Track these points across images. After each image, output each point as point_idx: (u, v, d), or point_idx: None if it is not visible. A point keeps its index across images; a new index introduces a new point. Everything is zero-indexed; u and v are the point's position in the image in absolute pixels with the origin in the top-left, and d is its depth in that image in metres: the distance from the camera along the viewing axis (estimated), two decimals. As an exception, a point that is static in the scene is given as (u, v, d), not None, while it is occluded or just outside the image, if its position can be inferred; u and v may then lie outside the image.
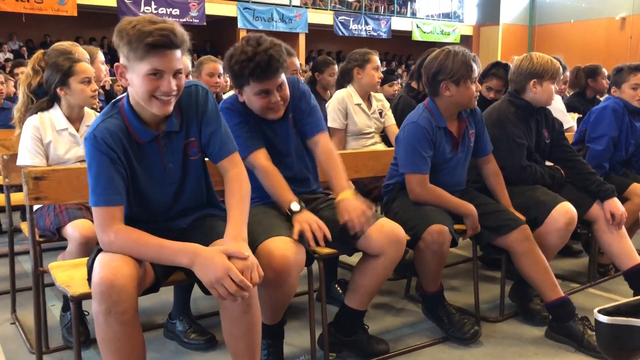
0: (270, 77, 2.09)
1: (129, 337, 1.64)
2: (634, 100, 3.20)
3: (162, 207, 1.91)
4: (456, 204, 2.51)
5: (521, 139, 2.75)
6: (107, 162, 1.72)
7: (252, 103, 2.17)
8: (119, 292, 1.58)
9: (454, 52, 2.46)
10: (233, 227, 1.76)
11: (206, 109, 1.89)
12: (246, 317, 1.74)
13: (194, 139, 1.89)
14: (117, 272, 1.61)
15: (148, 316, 2.79)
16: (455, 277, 3.40)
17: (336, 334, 2.37)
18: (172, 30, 1.66)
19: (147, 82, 1.67)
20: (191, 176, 1.92)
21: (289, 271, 1.92)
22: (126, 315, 1.61)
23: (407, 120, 2.56)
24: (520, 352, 2.45)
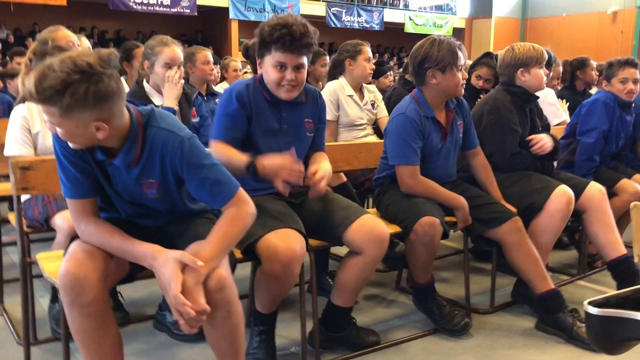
0: (294, 50, 2.04)
1: (95, 330, 1.63)
2: (622, 93, 3.22)
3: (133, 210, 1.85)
4: (447, 196, 2.51)
5: (516, 125, 2.76)
6: (71, 160, 1.68)
7: (268, 74, 2.12)
8: (81, 284, 1.57)
9: (439, 40, 2.46)
10: (206, 257, 1.60)
11: (181, 161, 1.69)
12: (227, 322, 1.69)
13: (152, 181, 1.74)
14: (81, 264, 1.59)
15: (138, 307, 2.78)
16: (446, 269, 3.41)
17: (325, 330, 2.36)
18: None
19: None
20: (149, 206, 1.82)
21: (295, 263, 1.92)
22: (90, 307, 1.59)
23: (395, 112, 2.55)
24: (510, 344, 2.46)
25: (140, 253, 1.65)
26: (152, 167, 1.72)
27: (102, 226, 1.70)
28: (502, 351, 2.39)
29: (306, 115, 2.27)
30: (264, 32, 2.07)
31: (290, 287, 2.04)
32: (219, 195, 1.72)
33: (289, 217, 2.07)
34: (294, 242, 1.93)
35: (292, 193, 2.26)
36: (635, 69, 3.22)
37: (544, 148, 2.76)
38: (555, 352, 2.38)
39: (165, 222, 1.89)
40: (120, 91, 1.57)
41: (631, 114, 3.33)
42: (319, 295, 2.73)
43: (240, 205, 1.73)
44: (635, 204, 1.31)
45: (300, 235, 1.97)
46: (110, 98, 1.54)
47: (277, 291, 2.04)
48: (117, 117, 1.60)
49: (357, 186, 3.28)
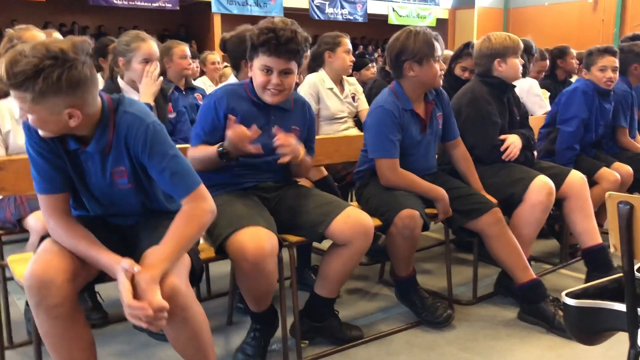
0: (279, 55, 2.06)
1: (64, 332, 1.60)
2: (601, 82, 3.23)
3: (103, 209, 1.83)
4: (427, 188, 2.49)
5: (496, 117, 2.75)
6: (42, 154, 1.66)
7: (255, 78, 2.15)
8: (47, 286, 1.53)
9: (415, 32, 2.44)
10: (153, 263, 1.57)
11: (145, 147, 1.67)
12: (186, 328, 1.64)
13: (123, 169, 1.72)
14: (48, 266, 1.56)
15: (118, 307, 2.69)
16: (428, 261, 3.40)
17: (307, 320, 2.35)
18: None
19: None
20: (121, 199, 1.79)
21: (265, 260, 1.89)
22: (58, 309, 1.55)
23: (373, 105, 2.53)
24: (492, 335, 2.45)
25: (103, 263, 1.62)
26: (121, 153, 1.70)
27: (72, 228, 1.67)
28: (484, 342, 2.39)
29: (293, 122, 2.27)
30: (253, 35, 2.10)
31: (268, 285, 2.00)
32: (178, 186, 1.70)
33: (258, 214, 2.04)
34: (263, 241, 1.90)
35: (265, 187, 2.24)
36: (614, 57, 3.23)
37: (513, 154, 2.76)
38: (537, 341, 2.38)
39: (135, 222, 1.86)
40: (93, 79, 1.56)
41: (610, 102, 3.34)
42: (302, 291, 2.71)
43: (199, 201, 1.70)
44: (610, 194, 1.30)
45: (270, 233, 1.94)
46: (83, 85, 1.52)
47: (254, 289, 2.02)
48: (90, 105, 1.59)
49: (338, 180, 3.26)
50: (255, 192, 2.22)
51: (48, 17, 14.75)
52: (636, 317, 1.32)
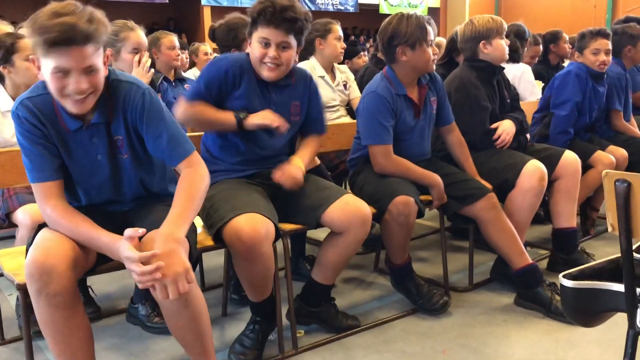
0: (277, 24, 2.04)
1: (65, 321, 1.57)
2: (595, 65, 3.21)
3: (98, 195, 1.81)
4: (421, 175, 2.47)
5: (485, 101, 2.73)
6: (34, 139, 1.64)
7: (253, 52, 2.11)
8: (49, 273, 1.51)
9: (407, 16, 2.41)
10: (169, 224, 1.61)
11: (142, 112, 1.71)
12: (185, 311, 1.63)
13: (120, 137, 1.74)
14: (48, 253, 1.53)
15: (111, 301, 2.71)
16: (424, 249, 3.39)
17: (303, 305, 2.34)
18: (73, 26, 1.50)
19: (54, 80, 1.56)
20: (123, 173, 1.80)
21: (261, 243, 1.87)
22: (59, 297, 1.53)
23: (366, 91, 2.50)
24: (489, 320, 2.44)
25: (104, 244, 1.61)
26: (119, 123, 1.72)
27: (69, 213, 1.65)
28: (481, 328, 2.37)
29: (294, 98, 2.23)
30: (251, 9, 2.10)
31: (265, 269, 1.98)
32: (175, 151, 1.73)
33: (259, 201, 2.02)
34: (259, 224, 1.88)
35: (267, 175, 2.22)
36: (607, 39, 3.20)
37: (507, 140, 2.74)
38: (534, 326, 2.37)
39: (131, 208, 1.85)
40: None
41: (604, 85, 3.32)
42: (297, 281, 2.69)
43: (196, 166, 1.75)
44: (607, 172, 1.28)
45: (265, 219, 1.92)
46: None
47: (250, 276, 1.99)
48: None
49: (332, 169, 3.23)
50: (257, 180, 2.21)
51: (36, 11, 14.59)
52: (634, 297, 1.30)
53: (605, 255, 1.52)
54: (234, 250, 1.91)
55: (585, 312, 1.40)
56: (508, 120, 2.80)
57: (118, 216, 1.84)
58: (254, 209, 1.93)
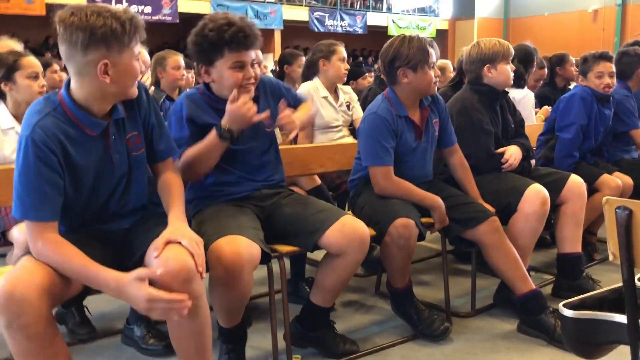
0: (249, 46, 2.01)
1: (40, 351, 1.51)
2: (599, 88, 3.18)
3: (107, 204, 1.79)
4: (422, 196, 2.43)
5: (488, 125, 2.69)
6: (44, 172, 1.57)
7: (224, 80, 2.03)
8: (19, 304, 1.45)
9: (409, 38, 2.40)
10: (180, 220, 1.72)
11: (148, 104, 1.83)
12: (195, 319, 1.63)
13: (136, 133, 1.80)
14: (18, 283, 1.47)
15: (107, 321, 2.67)
16: (426, 272, 3.33)
17: (301, 328, 2.29)
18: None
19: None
20: (135, 172, 1.82)
21: (241, 268, 1.81)
22: (31, 328, 1.47)
23: (367, 112, 2.48)
24: (492, 348, 2.38)
25: (102, 281, 1.54)
26: (134, 117, 1.80)
27: (62, 246, 1.57)
28: (483, 356, 2.31)
29: (261, 109, 2.13)
30: (209, 37, 1.97)
31: (245, 297, 1.93)
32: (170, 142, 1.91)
33: (245, 223, 1.97)
34: (241, 248, 1.83)
35: (260, 197, 2.18)
36: (610, 62, 3.19)
37: (513, 165, 2.71)
38: (537, 355, 2.31)
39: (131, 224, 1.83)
40: None
41: (610, 107, 3.28)
42: (296, 303, 2.65)
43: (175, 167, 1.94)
44: (608, 199, 1.24)
45: (249, 242, 1.87)
46: None
47: (228, 300, 1.92)
48: None
49: (333, 189, 3.21)
50: (250, 202, 2.16)
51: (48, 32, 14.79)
52: (637, 329, 1.25)
53: (611, 282, 1.47)
54: (212, 273, 1.84)
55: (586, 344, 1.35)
56: (515, 145, 2.77)
57: (116, 237, 1.80)
58: (237, 232, 1.88)
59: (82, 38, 1.54)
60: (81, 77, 1.62)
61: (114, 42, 1.57)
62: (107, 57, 1.58)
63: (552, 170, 2.89)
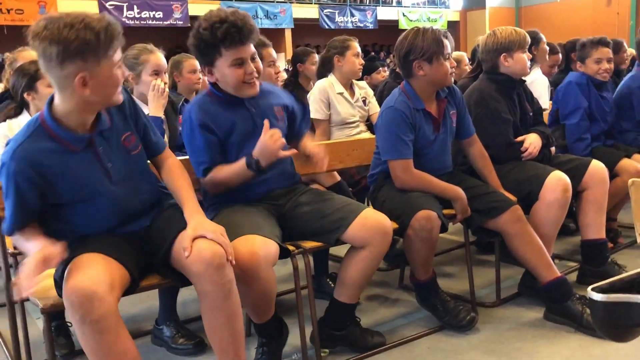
0: (244, 41, 2.00)
1: (111, 346, 1.56)
2: (597, 74, 3.21)
3: (117, 210, 1.81)
4: (443, 188, 2.43)
5: (506, 114, 2.69)
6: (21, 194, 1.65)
7: (227, 78, 2.04)
8: (90, 299, 1.50)
9: (423, 30, 2.40)
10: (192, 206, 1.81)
11: (131, 104, 1.86)
12: (227, 304, 1.69)
13: (129, 133, 1.83)
14: (87, 278, 1.53)
15: (135, 323, 2.71)
16: (449, 264, 3.33)
17: (327, 329, 2.29)
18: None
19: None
20: (137, 172, 1.86)
21: (258, 266, 1.83)
22: (103, 322, 1.52)
23: (384, 106, 2.48)
24: (518, 336, 2.38)
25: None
26: (122, 120, 1.82)
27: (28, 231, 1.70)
28: (510, 344, 2.31)
29: (271, 105, 2.19)
30: (204, 37, 1.98)
31: (265, 292, 1.93)
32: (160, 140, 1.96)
33: (259, 222, 1.99)
34: (256, 247, 1.84)
35: (275, 196, 2.20)
36: (608, 48, 3.21)
37: (534, 153, 2.71)
38: (565, 342, 2.30)
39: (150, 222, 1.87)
40: None
41: (608, 90, 3.33)
42: (321, 299, 2.67)
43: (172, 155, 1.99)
44: (634, 181, 1.24)
45: (265, 240, 1.88)
46: None
47: (250, 298, 1.93)
48: None
49: (353, 185, 3.21)
50: (265, 202, 2.18)
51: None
52: (668, 310, 1.24)
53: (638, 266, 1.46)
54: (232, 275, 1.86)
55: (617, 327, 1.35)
56: (534, 133, 2.76)
57: (139, 236, 1.84)
58: (251, 231, 1.90)
59: (56, 52, 1.52)
60: (63, 90, 1.62)
61: (89, 54, 1.54)
62: (85, 70, 1.56)
63: (572, 157, 2.88)
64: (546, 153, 2.82)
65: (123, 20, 14.35)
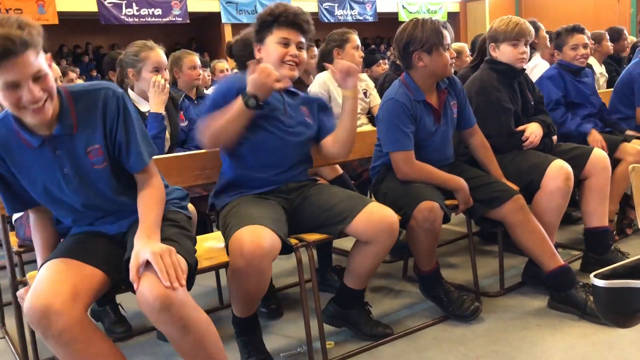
0: (296, 26, 2.14)
1: (82, 353, 1.54)
2: (575, 60, 3.26)
3: (78, 214, 1.81)
4: (445, 179, 2.44)
5: (508, 103, 2.69)
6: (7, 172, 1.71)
7: (271, 54, 2.15)
8: (47, 315, 1.48)
9: (422, 21, 2.40)
10: (140, 230, 1.67)
11: (117, 115, 1.73)
12: (186, 338, 1.60)
13: (97, 146, 1.73)
14: (40, 294, 1.51)
15: (142, 319, 2.71)
16: (453, 255, 3.34)
17: (337, 307, 2.35)
18: (6, 37, 1.43)
19: (8, 96, 1.51)
20: (97, 185, 1.77)
21: (262, 258, 1.83)
22: (65, 334, 1.50)
23: (384, 98, 2.48)
24: (522, 325, 2.38)
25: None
26: (95, 130, 1.72)
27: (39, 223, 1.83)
28: (514, 333, 2.32)
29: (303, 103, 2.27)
30: (263, 15, 2.17)
31: (261, 285, 1.94)
32: (139, 157, 1.77)
33: (267, 214, 2.00)
34: (261, 238, 1.84)
35: (286, 190, 2.21)
36: (582, 34, 3.27)
37: (535, 142, 2.71)
38: (569, 329, 2.31)
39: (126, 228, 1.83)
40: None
41: (587, 75, 3.37)
42: (325, 292, 2.68)
43: (154, 177, 1.82)
44: (634, 167, 1.24)
45: (271, 232, 1.88)
46: None
47: (245, 289, 1.94)
48: None
49: (355, 177, 3.22)
50: (276, 195, 2.19)
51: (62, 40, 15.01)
52: (671, 295, 1.25)
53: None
54: (233, 262, 1.87)
55: (620, 313, 1.35)
56: (535, 122, 2.76)
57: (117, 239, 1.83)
58: (259, 222, 1.90)
59: None
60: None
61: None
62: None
63: (574, 146, 2.87)
64: (547, 142, 2.82)
65: (122, 18, 14.33)
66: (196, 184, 2.43)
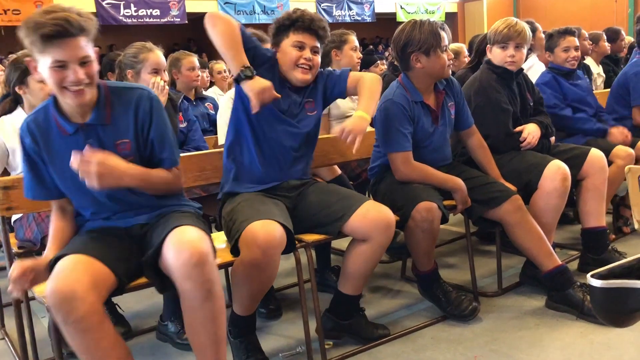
0: (311, 31, 2.20)
1: (96, 343, 1.58)
2: (566, 62, 3.27)
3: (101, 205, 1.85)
4: (443, 179, 2.45)
5: (506, 104, 2.70)
6: (31, 159, 1.79)
7: (286, 55, 2.21)
8: (70, 300, 1.53)
9: (420, 22, 2.41)
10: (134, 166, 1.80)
11: (150, 115, 1.83)
12: (208, 305, 1.65)
13: (127, 141, 1.82)
14: (65, 279, 1.56)
15: (140, 319, 2.73)
16: (451, 255, 3.35)
17: (333, 318, 2.33)
18: (66, 19, 1.60)
19: (53, 74, 1.64)
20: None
21: (275, 250, 1.89)
22: (85, 321, 1.55)
23: (382, 99, 2.49)
24: (520, 325, 2.39)
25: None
26: (126, 125, 1.81)
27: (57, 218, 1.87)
28: (512, 333, 2.33)
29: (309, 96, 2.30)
30: (280, 19, 2.23)
31: (272, 278, 1.99)
32: (170, 157, 1.88)
33: (273, 210, 2.04)
34: (273, 230, 1.90)
35: (287, 187, 2.23)
36: (574, 36, 3.28)
37: (532, 143, 2.72)
38: (567, 329, 2.32)
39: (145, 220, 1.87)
40: None
41: (579, 77, 3.38)
42: (324, 292, 2.69)
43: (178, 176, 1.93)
44: (630, 168, 1.25)
45: (280, 226, 1.93)
46: None
47: (257, 282, 1.96)
48: None
49: (354, 178, 3.22)
50: (278, 192, 2.22)
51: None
52: (667, 295, 1.26)
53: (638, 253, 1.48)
54: (247, 255, 1.89)
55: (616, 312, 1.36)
56: (533, 123, 2.77)
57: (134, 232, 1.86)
58: (268, 216, 1.95)
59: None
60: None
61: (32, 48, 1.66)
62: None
63: (572, 146, 2.89)
64: (545, 143, 2.83)
65: (120, 19, 14.32)
66: (195, 185, 2.45)
